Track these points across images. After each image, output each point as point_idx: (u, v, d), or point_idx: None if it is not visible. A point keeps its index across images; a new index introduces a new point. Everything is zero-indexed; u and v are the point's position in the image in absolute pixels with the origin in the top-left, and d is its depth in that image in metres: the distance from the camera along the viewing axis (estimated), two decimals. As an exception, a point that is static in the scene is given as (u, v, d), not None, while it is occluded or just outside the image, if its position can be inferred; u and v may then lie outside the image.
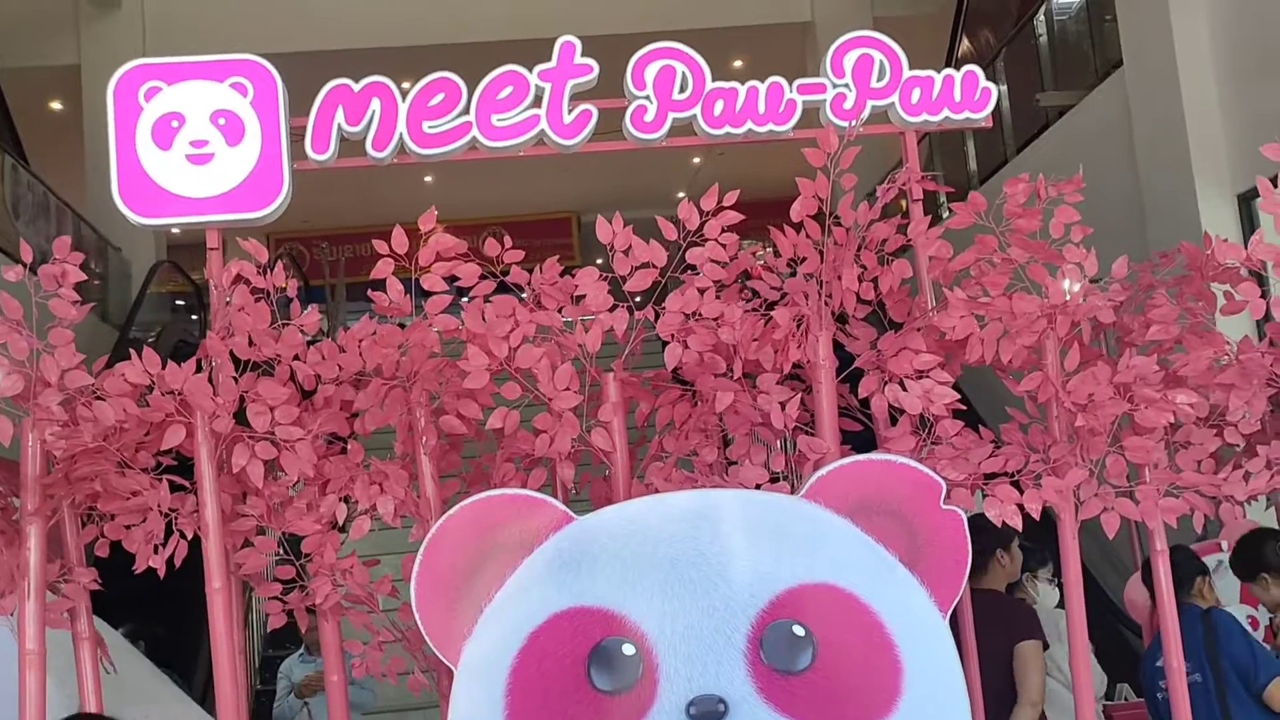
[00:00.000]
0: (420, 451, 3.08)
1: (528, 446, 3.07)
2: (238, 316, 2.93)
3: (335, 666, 3.15)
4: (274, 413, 2.92)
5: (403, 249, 3.11)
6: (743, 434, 3.15)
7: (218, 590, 2.94)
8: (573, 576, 2.71)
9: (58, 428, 2.80)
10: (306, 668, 6.08)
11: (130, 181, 3.47)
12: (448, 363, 3.05)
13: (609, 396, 3.08)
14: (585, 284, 3.13)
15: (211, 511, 2.94)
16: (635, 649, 2.65)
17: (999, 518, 2.95)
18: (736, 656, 2.64)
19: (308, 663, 6.10)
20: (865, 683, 2.66)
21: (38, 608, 2.82)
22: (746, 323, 2.99)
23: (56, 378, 2.82)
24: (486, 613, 2.72)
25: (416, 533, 3.10)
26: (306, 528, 3.03)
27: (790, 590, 2.68)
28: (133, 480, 2.85)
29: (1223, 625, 4.03)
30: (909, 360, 3.03)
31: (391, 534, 3.34)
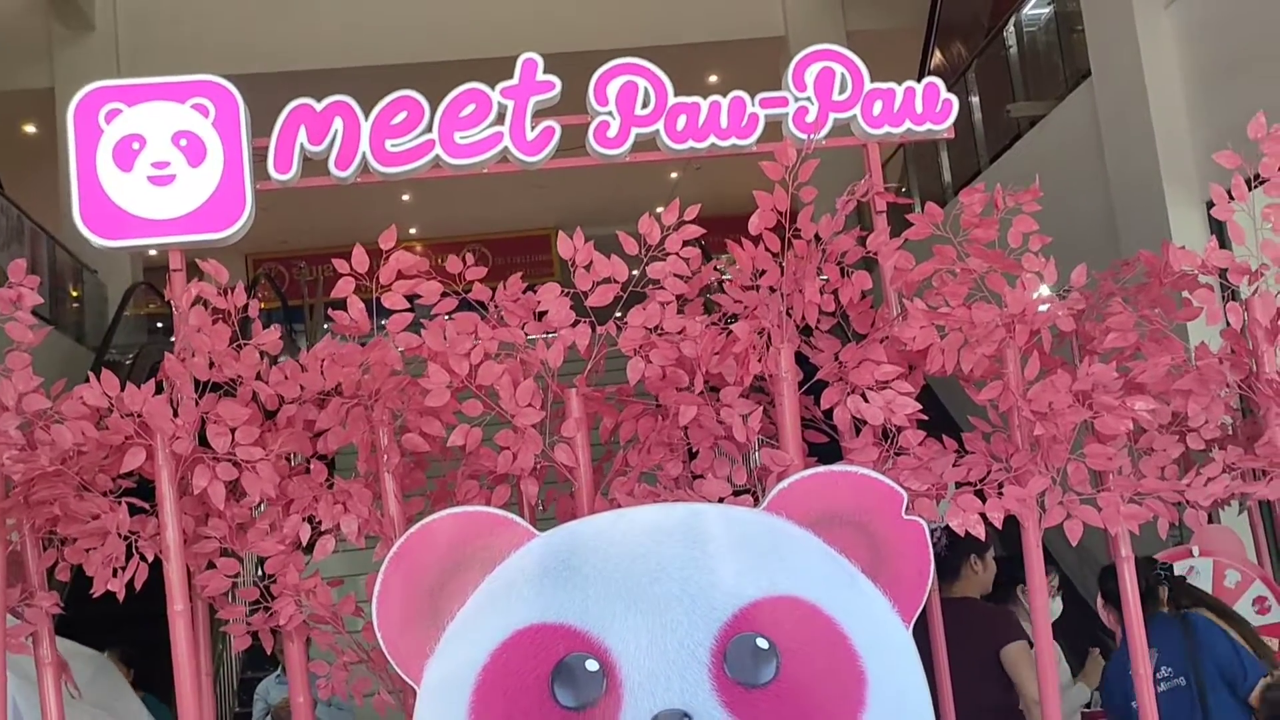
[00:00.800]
0: (384, 470, 3.07)
1: (491, 464, 3.06)
2: (196, 337, 2.92)
3: (301, 688, 3.13)
4: (234, 433, 2.91)
5: (364, 267, 3.11)
6: (706, 447, 3.15)
7: (179, 613, 2.92)
8: (535, 592, 2.71)
9: (15, 452, 2.78)
10: (283, 689, 6.05)
11: (92, 204, 3.47)
12: (410, 381, 3.05)
13: (571, 412, 3.07)
14: (547, 300, 3.13)
15: (172, 534, 2.92)
16: (599, 665, 2.64)
17: (961, 527, 2.96)
18: (700, 670, 2.64)
19: (284, 684, 6.05)
20: (829, 695, 2.65)
21: (-2, 634, 2.80)
22: (708, 336, 3.00)
23: (14, 401, 2.80)
24: (449, 631, 2.71)
25: (381, 551, 3.08)
26: (269, 548, 3.01)
27: (753, 603, 2.68)
28: (92, 504, 2.84)
29: (1202, 628, 4.04)
30: (871, 371, 3.04)
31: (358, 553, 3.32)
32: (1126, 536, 3.13)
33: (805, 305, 3.04)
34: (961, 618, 3.71)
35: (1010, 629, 4.12)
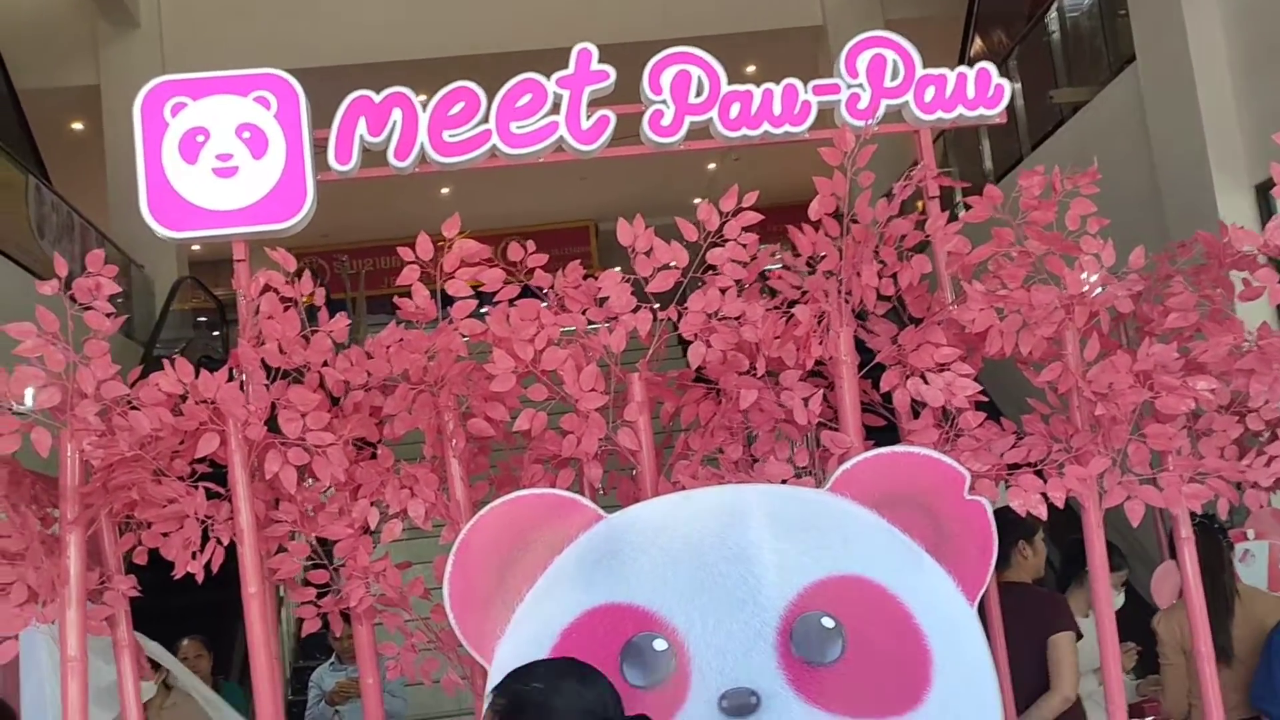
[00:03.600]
0: (449, 455, 3.12)
1: (555, 448, 3.11)
2: (268, 324, 2.98)
3: (370, 670, 3.19)
4: (305, 419, 2.96)
5: (427, 256, 3.16)
6: (766, 431, 3.19)
7: (253, 595, 2.99)
8: (603, 574, 2.75)
9: (95, 438, 2.85)
10: (337, 675, 6.12)
11: (158, 196, 3.52)
12: (475, 367, 3.10)
13: (634, 396, 3.11)
14: (608, 286, 3.17)
15: (245, 517, 2.98)
16: (667, 644, 2.69)
17: (1023, 508, 2.98)
18: (767, 649, 2.68)
19: (338, 670, 6.14)
20: (895, 673, 2.69)
21: (79, 615, 2.87)
22: (768, 321, 3.03)
23: (93, 389, 2.87)
24: (519, 611, 2.76)
25: (447, 535, 3.14)
26: (339, 532, 3.07)
27: (818, 582, 2.72)
28: (169, 488, 2.91)
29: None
30: (930, 354, 3.06)
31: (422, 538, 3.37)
32: (1187, 517, 3.14)
33: (863, 289, 3.07)
34: (1014, 602, 3.71)
35: (1062, 616, 4.11)
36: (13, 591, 2.85)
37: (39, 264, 8.89)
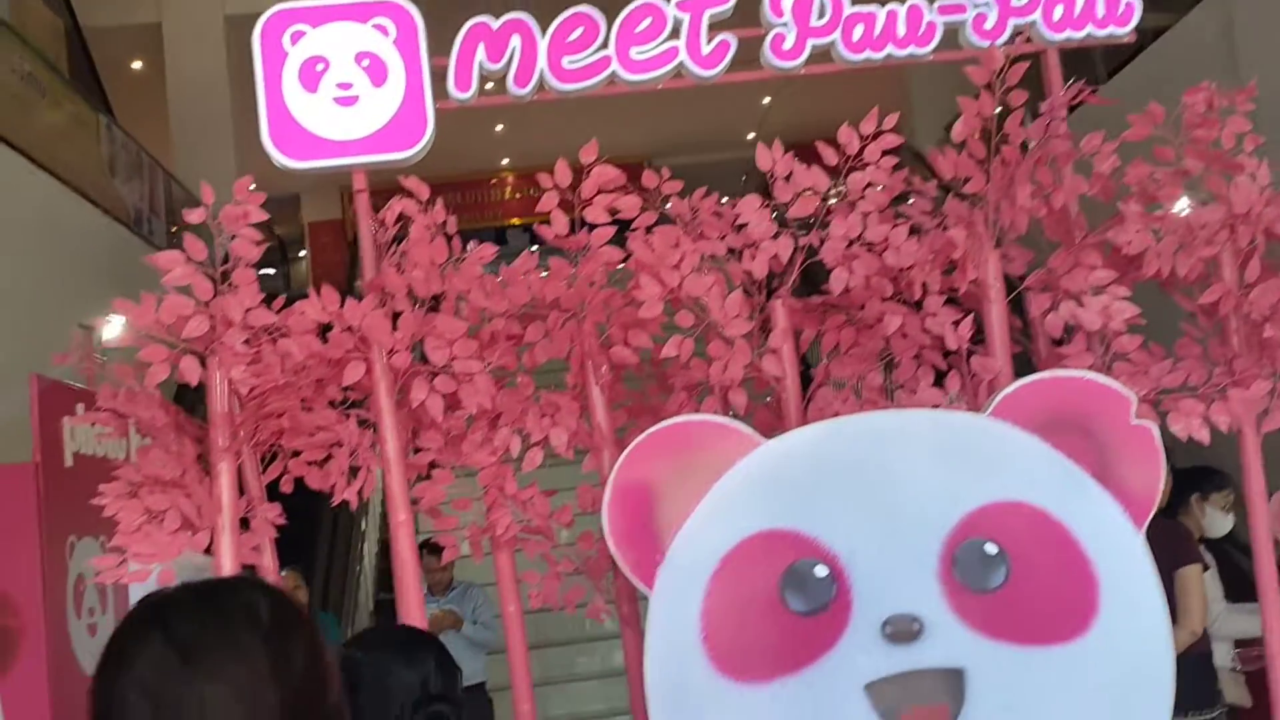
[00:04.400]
0: (591, 383, 3.10)
1: (698, 375, 3.08)
2: (415, 249, 2.95)
3: (511, 598, 3.19)
4: (452, 346, 2.94)
5: (565, 182, 3.12)
6: (909, 358, 3.14)
7: (402, 523, 2.99)
8: (763, 500, 2.73)
9: (245, 366, 2.84)
10: (430, 607, 6.17)
11: (279, 126, 3.49)
12: (616, 293, 3.07)
13: (778, 323, 3.07)
14: (747, 212, 3.12)
15: (392, 446, 2.98)
16: (827, 570, 2.66)
17: (1183, 432, 2.93)
18: (929, 576, 2.64)
19: (431, 602, 6.20)
20: (1060, 598, 2.65)
21: (232, 542, 2.88)
22: (926, 243, 2.97)
23: (240, 317, 2.86)
24: (678, 538, 2.74)
25: (589, 463, 3.13)
26: (482, 460, 3.06)
27: (981, 509, 2.68)
28: (320, 416, 2.90)
29: None
30: (1084, 276, 3.00)
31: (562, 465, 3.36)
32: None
33: (1015, 212, 3.01)
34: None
35: (1189, 550, 4.07)
36: (166, 518, 2.86)
37: (111, 202, 8.92)
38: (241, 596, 1.20)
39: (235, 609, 1.19)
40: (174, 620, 1.18)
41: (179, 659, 1.14)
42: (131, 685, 1.14)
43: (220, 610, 1.19)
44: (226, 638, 1.16)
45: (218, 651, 1.15)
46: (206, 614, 1.18)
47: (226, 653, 1.15)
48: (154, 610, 1.20)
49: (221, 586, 1.29)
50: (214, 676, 1.13)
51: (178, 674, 1.13)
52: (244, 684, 1.13)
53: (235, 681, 1.13)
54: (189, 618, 1.18)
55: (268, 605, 1.19)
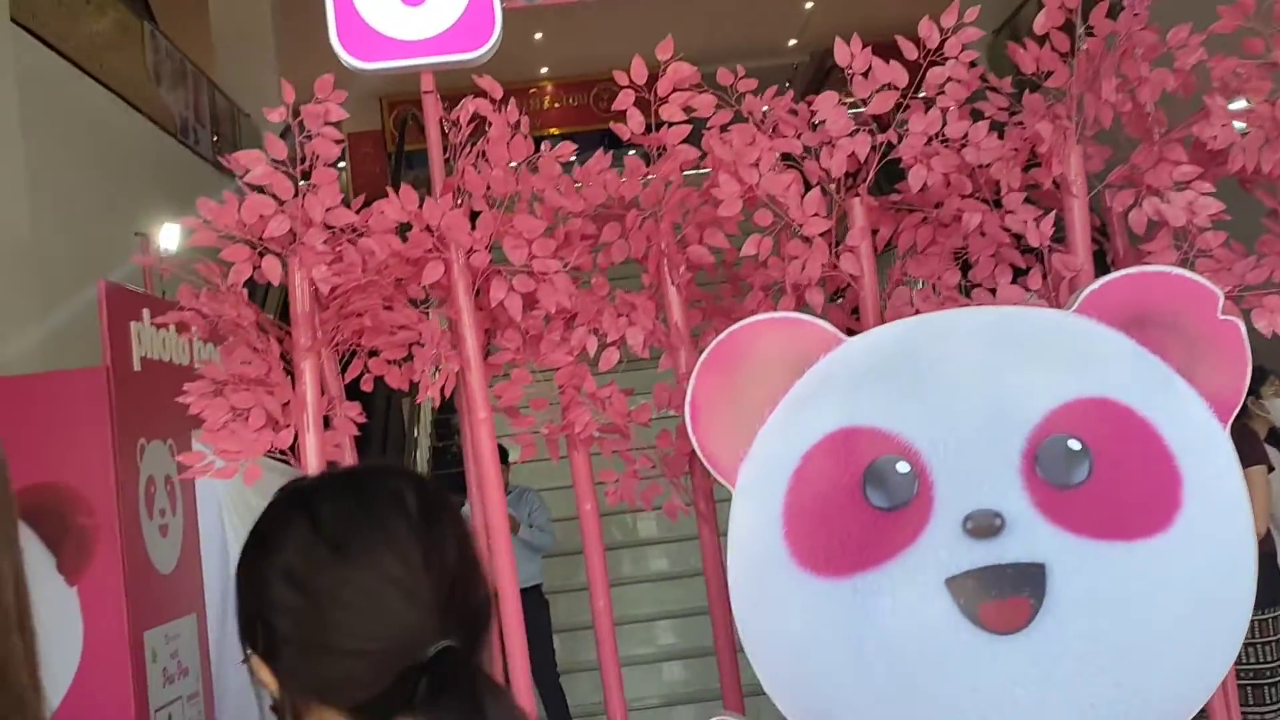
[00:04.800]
0: (668, 282, 3.10)
1: (774, 274, 3.07)
2: (495, 148, 2.94)
3: (587, 496, 3.23)
4: (531, 246, 2.95)
5: (642, 80, 3.10)
6: (987, 256, 3.12)
7: (483, 420, 3.02)
8: (844, 396, 2.73)
9: (325, 266, 2.85)
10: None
11: (347, 26, 3.46)
12: (693, 192, 3.05)
13: (855, 221, 3.06)
14: (824, 109, 3.09)
15: (471, 345, 2.99)
16: (909, 466, 2.67)
17: (1268, 329, 2.90)
18: (1011, 472, 2.65)
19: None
20: (1143, 495, 2.66)
21: (316, 439, 2.91)
22: (1010, 138, 2.94)
23: (321, 216, 2.87)
24: (761, 434, 2.76)
25: (665, 362, 3.14)
26: (560, 360, 3.08)
27: (1065, 405, 2.67)
28: (401, 314, 2.92)
29: None
30: (1168, 172, 2.96)
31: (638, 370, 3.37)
32: None
33: (1100, 106, 2.96)
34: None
35: (1254, 449, 4.06)
36: (251, 416, 2.89)
37: (157, 110, 8.93)
38: (388, 484, 1.16)
39: (383, 496, 1.14)
40: (322, 507, 1.13)
41: (329, 547, 1.10)
42: (279, 573, 1.10)
43: (368, 498, 1.14)
44: (377, 526, 1.11)
45: (369, 540, 1.10)
46: (354, 501, 1.14)
47: (378, 541, 1.10)
48: (301, 497, 1.16)
49: (367, 473, 1.23)
50: (366, 565, 1.09)
51: (328, 562, 1.10)
52: (398, 574, 1.09)
53: (389, 571, 1.09)
54: (337, 505, 1.14)
55: (415, 494, 1.15)
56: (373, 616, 1.07)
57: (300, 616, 1.08)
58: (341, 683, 1.07)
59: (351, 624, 1.07)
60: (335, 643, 1.07)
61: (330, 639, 1.07)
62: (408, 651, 1.06)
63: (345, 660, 1.07)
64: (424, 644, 1.06)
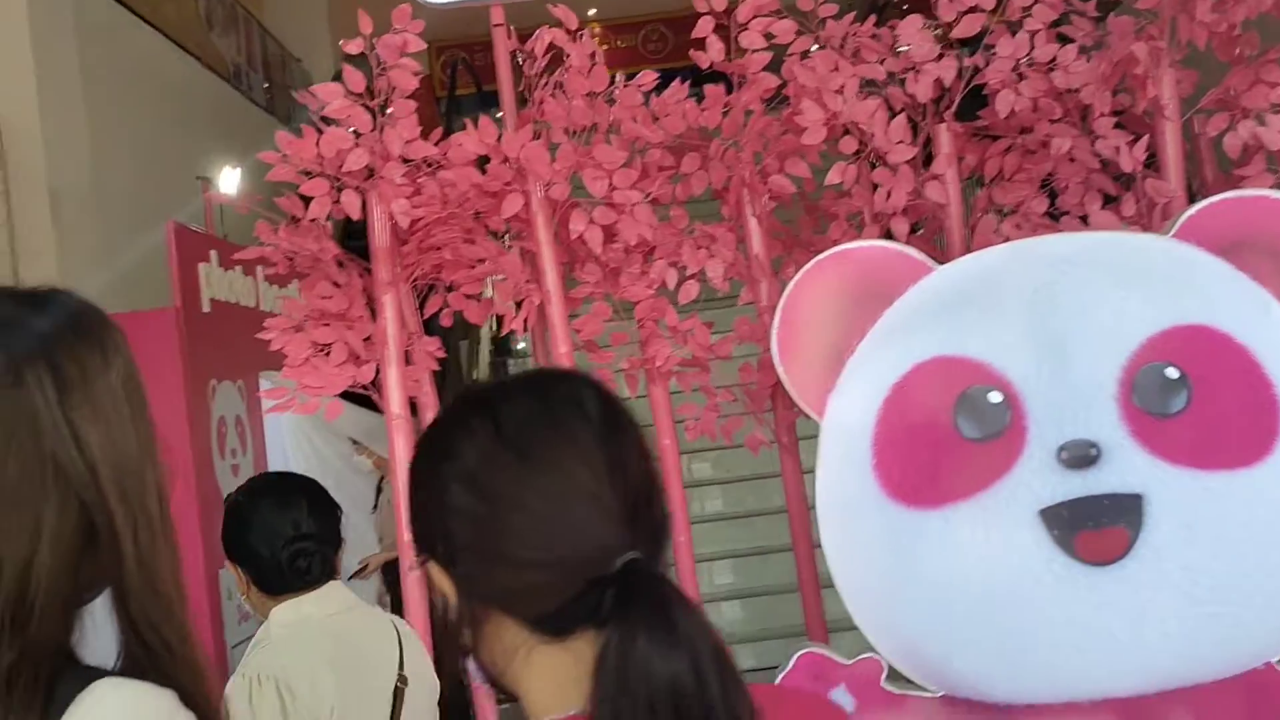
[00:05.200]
0: (748, 213, 3.05)
1: (858, 203, 3.02)
2: (573, 79, 2.90)
3: (666, 431, 3.20)
4: (611, 177, 2.91)
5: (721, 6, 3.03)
6: (1076, 182, 3.05)
7: (564, 355, 2.99)
8: (935, 326, 2.68)
9: (405, 200, 2.83)
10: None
11: (416, -41, 3.42)
12: (773, 121, 3.00)
13: (941, 148, 2.99)
14: (908, 34, 3.02)
15: (551, 279, 2.97)
16: (1001, 396, 2.62)
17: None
18: (1107, 401, 2.60)
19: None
20: (1242, 423, 2.60)
21: (398, 373, 2.91)
22: (1102, 60, 2.86)
23: (399, 149, 2.84)
24: (849, 365, 2.72)
25: (746, 295, 3.10)
26: (640, 293, 3.04)
27: (1162, 332, 2.61)
28: (482, 248, 2.89)
29: None
30: (1264, 94, 2.87)
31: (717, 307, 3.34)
32: None
33: (1193, 28, 2.87)
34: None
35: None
36: (333, 351, 2.89)
37: (211, 57, 8.91)
38: (570, 389, 1.09)
39: (565, 401, 1.08)
40: (503, 410, 1.06)
41: (512, 451, 1.04)
42: (458, 478, 1.04)
43: (551, 403, 1.08)
44: (561, 431, 1.05)
45: (553, 445, 1.04)
46: (537, 405, 1.07)
47: (563, 447, 1.04)
48: (480, 401, 1.09)
49: (548, 377, 1.15)
50: (551, 471, 1.03)
51: (511, 467, 1.03)
52: (583, 481, 1.03)
53: (574, 477, 1.03)
54: (519, 408, 1.07)
55: (596, 400, 1.08)
56: (558, 525, 1.02)
57: (481, 523, 1.03)
58: (523, 593, 1.03)
59: (536, 532, 1.02)
60: (518, 552, 1.02)
61: (513, 547, 1.02)
62: (594, 562, 1.01)
63: (528, 570, 1.02)
64: (611, 555, 1.02)
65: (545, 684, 1.05)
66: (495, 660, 1.07)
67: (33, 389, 0.95)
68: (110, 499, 0.96)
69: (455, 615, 1.07)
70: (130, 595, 0.97)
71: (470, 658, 1.10)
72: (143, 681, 0.94)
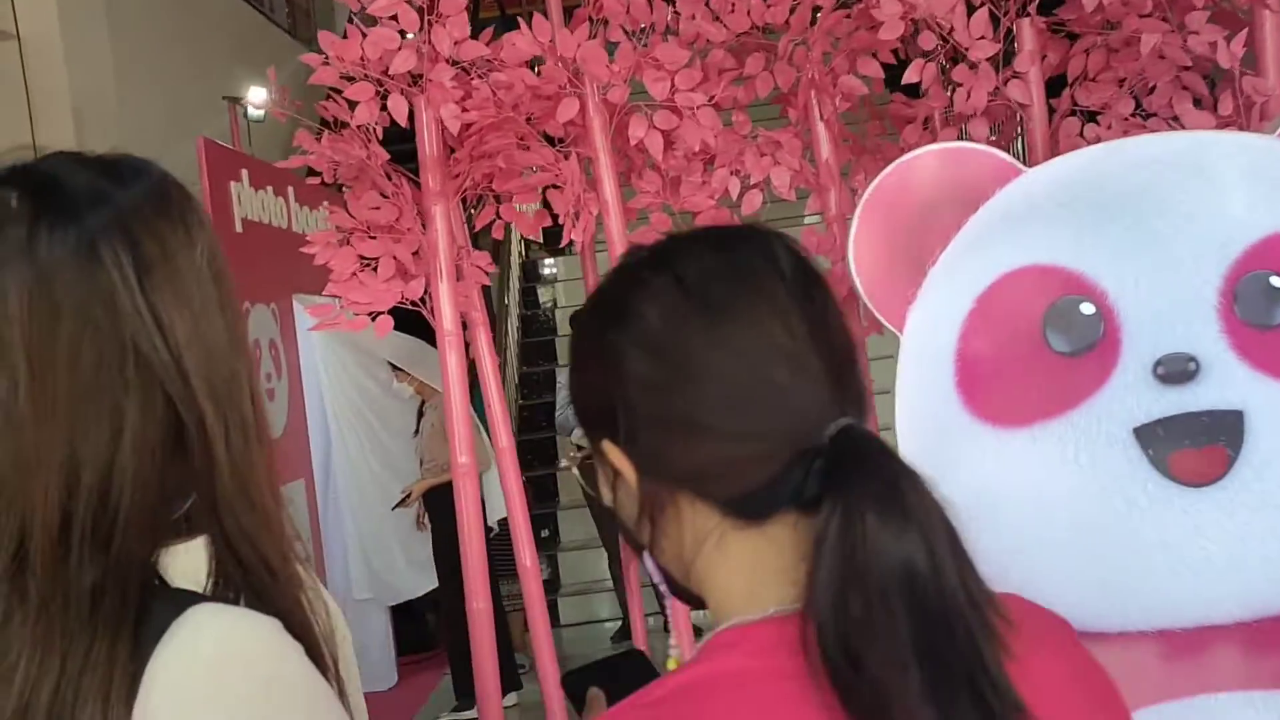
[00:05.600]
0: (816, 117, 2.88)
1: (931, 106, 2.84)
2: (634, -29, 2.72)
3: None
4: (673, 78, 2.74)
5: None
6: (1166, 81, 2.86)
7: (622, 268, 2.84)
8: (1023, 233, 2.52)
9: (456, 103, 2.67)
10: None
11: None
12: (843, 17, 2.82)
13: (1024, 45, 2.81)
14: (987, -77, 2.83)
15: (609, 188, 2.81)
16: (1094, 307, 2.46)
17: None
18: (1207, 311, 2.43)
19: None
20: (1352, 334, 2.44)
21: (450, 288, 2.76)
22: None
23: (449, 49, 2.67)
24: (931, 275, 2.56)
25: (813, 204, 2.94)
26: (701, 203, 2.89)
27: (1267, 238, 2.43)
28: (537, 154, 2.73)
29: None
30: (1374, -15, 2.68)
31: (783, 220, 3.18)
32: None
33: (1300, -90, 2.67)
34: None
35: None
36: (380, 266, 2.75)
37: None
38: (758, 241, 0.93)
39: (755, 254, 0.91)
40: (687, 265, 0.91)
41: (700, 310, 0.89)
42: (638, 342, 0.89)
43: (739, 256, 0.92)
44: (752, 285, 0.90)
45: (746, 301, 0.89)
46: (724, 259, 0.91)
47: (756, 303, 0.89)
48: (653, 257, 0.94)
49: (726, 231, 0.98)
50: (746, 330, 0.88)
51: (700, 327, 0.88)
52: (782, 340, 0.88)
53: (772, 337, 0.88)
54: (704, 263, 0.91)
55: (786, 254, 0.92)
56: (759, 388, 0.86)
57: (668, 391, 0.87)
58: (720, 469, 0.87)
59: (732, 399, 0.86)
60: (712, 421, 0.86)
61: (707, 416, 0.86)
62: (800, 432, 0.86)
63: (724, 442, 0.86)
64: (820, 422, 0.87)
65: (738, 577, 0.89)
66: (680, 552, 0.92)
67: (109, 266, 0.81)
68: (199, 394, 0.82)
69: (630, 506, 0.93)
70: (223, 506, 0.83)
71: (647, 555, 0.95)
72: (244, 608, 0.80)
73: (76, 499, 0.78)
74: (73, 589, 0.76)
